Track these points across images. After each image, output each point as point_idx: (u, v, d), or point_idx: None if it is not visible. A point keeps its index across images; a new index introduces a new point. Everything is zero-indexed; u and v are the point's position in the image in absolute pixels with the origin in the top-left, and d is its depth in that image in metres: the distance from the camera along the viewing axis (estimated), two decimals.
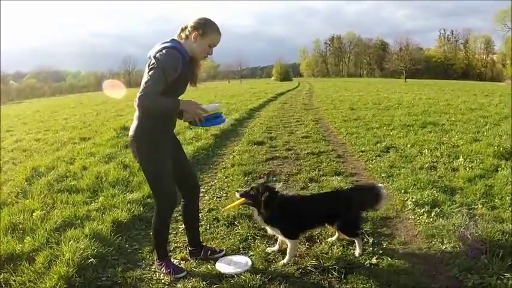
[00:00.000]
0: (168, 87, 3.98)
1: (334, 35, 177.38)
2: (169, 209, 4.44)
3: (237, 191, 4.88)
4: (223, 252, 4.96)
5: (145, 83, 3.87)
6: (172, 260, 4.75)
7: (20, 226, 5.58)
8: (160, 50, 3.99)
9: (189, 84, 4.41)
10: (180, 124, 4.55)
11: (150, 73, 3.89)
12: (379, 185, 5.29)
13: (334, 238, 5.15)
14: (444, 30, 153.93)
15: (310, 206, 4.87)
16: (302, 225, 4.79)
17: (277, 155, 10.23)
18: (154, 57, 3.95)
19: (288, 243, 4.70)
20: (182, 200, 4.77)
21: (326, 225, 5.01)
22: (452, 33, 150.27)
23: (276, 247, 4.98)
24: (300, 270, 4.48)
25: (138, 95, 3.87)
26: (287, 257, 4.69)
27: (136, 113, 4.20)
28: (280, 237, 4.82)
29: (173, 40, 4.19)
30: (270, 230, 4.81)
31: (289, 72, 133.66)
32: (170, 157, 4.35)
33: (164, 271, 4.49)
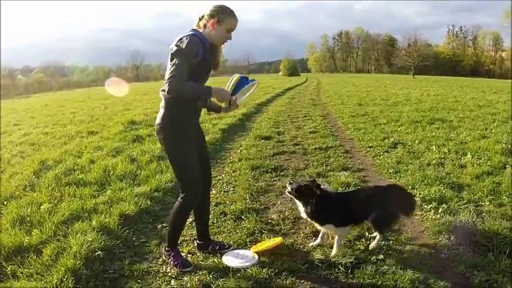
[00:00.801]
0: (191, 73, 4.07)
1: (342, 31, 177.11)
2: (194, 199, 4.47)
3: (290, 183, 4.99)
4: (232, 247, 4.98)
5: (171, 70, 3.95)
6: (185, 258, 4.77)
7: (28, 219, 5.61)
8: (181, 39, 4.09)
9: (212, 70, 4.51)
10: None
11: (172, 61, 3.99)
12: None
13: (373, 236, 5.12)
14: (453, 26, 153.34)
15: (356, 201, 4.95)
16: (351, 219, 4.89)
17: (285, 149, 10.24)
18: (175, 45, 4.05)
19: (338, 232, 4.78)
20: None
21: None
22: (461, 30, 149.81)
23: (318, 240, 5.03)
24: (307, 265, 4.49)
25: (165, 81, 3.97)
26: (335, 247, 4.75)
27: (162, 102, 4.30)
28: (330, 231, 4.92)
29: (193, 29, 4.29)
30: (318, 226, 4.90)
31: (297, 68, 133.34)
32: (196, 144, 4.45)
33: (172, 262, 4.51)
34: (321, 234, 5.03)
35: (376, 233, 4.98)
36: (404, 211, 5.00)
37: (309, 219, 4.88)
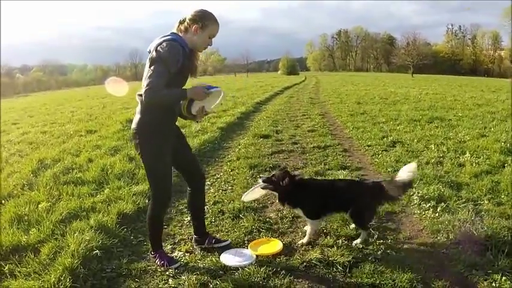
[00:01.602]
0: (170, 80, 4.01)
1: (341, 29, 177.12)
2: (163, 203, 4.51)
3: (260, 177, 5.18)
4: (228, 241, 5.02)
5: (149, 77, 3.90)
6: (177, 252, 4.81)
7: (26, 218, 5.60)
8: (160, 43, 4.02)
9: (189, 75, 4.44)
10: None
11: (152, 67, 3.94)
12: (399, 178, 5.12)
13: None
14: (452, 25, 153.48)
15: (328, 190, 5.12)
16: (322, 207, 4.98)
17: (283, 148, 10.24)
18: (156, 50, 3.99)
19: (309, 224, 4.97)
20: (188, 189, 4.84)
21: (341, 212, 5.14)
22: (460, 29, 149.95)
23: (306, 239, 5.04)
24: (305, 264, 4.48)
25: (143, 90, 3.91)
26: (306, 237, 4.95)
27: (139, 107, 4.25)
28: (302, 216, 5.11)
29: (172, 33, 4.22)
30: (295, 211, 5.14)
31: (296, 66, 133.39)
32: (172, 150, 4.40)
33: (158, 263, 4.53)
34: (308, 232, 5.07)
35: (353, 225, 5.17)
36: (385, 199, 5.06)
37: (283, 205, 5.09)
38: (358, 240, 4.91)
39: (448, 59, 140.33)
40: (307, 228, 5.04)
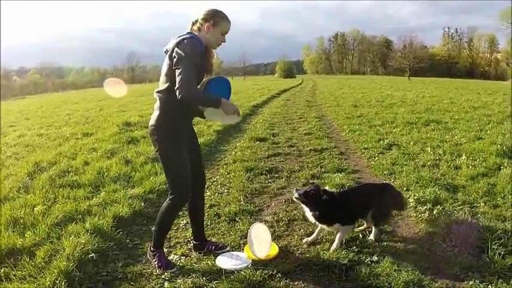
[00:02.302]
0: None
1: (338, 32, 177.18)
2: (183, 200, 4.54)
3: (296, 189, 5.12)
4: (227, 248, 5.00)
5: (180, 74, 3.98)
6: (172, 255, 4.80)
7: (21, 221, 5.58)
8: (180, 42, 4.12)
9: (205, 72, 4.53)
10: None
11: (180, 66, 4.02)
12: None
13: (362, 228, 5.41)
14: (448, 28, 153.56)
15: (356, 198, 5.21)
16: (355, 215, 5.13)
17: (280, 151, 10.23)
18: (178, 49, 4.08)
19: (342, 229, 4.95)
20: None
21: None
22: (457, 32, 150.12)
23: (313, 236, 5.16)
24: (301, 267, 4.48)
25: (177, 86, 3.98)
26: (336, 241, 4.91)
27: (157, 104, 4.34)
28: (336, 228, 5.01)
29: (189, 32, 4.34)
30: (325, 227, 5.06)
31: (292, 69, 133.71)
32: (188, 147, 4.48)
33: (156, 263, 4.54)
34: (317, 231, 5.15)
35: (372, 228, 5.18)
36: (396, 208, 5.42)
37: (317, 222, 5.01)
38: (372, 236, 5.10)
39: (444, 61, 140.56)
40: (338, 235, 4.98)
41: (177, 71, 4.01)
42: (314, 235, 5.16)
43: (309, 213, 5.01)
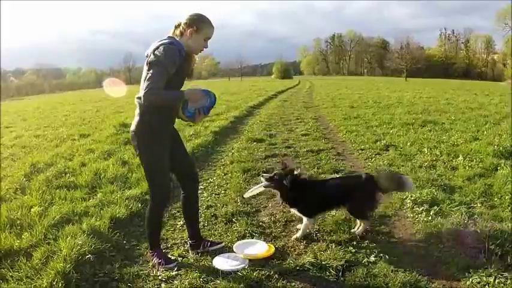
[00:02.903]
0: (167, 83, 4.10)
1: (335, 33, 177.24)
2: (162, 203, 4.60)
3: (262, 175, 5.31)
4: (223, 244, 5.04)
5: (148, 79, 3.99)
6: (169, 256, 4.77)
7: (18, 222, 5.56)
8: (158, 47, 4.12)
9: (186, 78, 4.55)
10: (179, 121, 4.64)
11: (151, 70, 4.03)
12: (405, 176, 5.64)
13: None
14: (445, 29, 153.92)
15: (327, 188, 5.33)
16: (320, 206, 5.22)
17: (277, 152, 10.24)
18: (154, 54, 4.08)
19: (304, 220, 5.11)
20: (182, 192, 4.88)
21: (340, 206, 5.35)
22: (453, 33, 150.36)
23: (299, 233, 5.22)
24: (297, 268, 4.48)
25: (142, 92, 4.01)
26: (300, 232, 5.11)
27: (137, 110, 4.35)
28: (298, 215, 5.25)
29: (169, 37, 4.32)
30: (292, 210, 5.28)
31: (289, 70, 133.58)
32: (169, 151, 4.47)
33: (156, 261, 4.57)
34: (302, 227, 5.24)
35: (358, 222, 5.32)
36: (390, 189, 5.32)
37: (282, 201, 5.30)
38: (358, 230, 5.19)
39: (441, 62, 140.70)
40: (302, 225, 5.16)
41: (147, 76, 4.03)
42: (300, 232, 5.24)
43: (277, 195, 5.27)
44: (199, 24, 4.32)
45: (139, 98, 4.25)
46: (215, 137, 12.18)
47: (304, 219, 5.11)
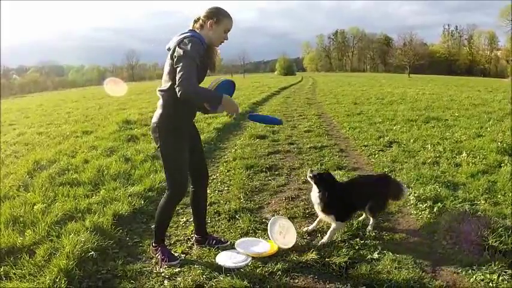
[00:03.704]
0: None
1: (338, 30, 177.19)
2: (178, 196, 4.59)
3: (311, 170, 5.22)
4: (228, 243, 5.03)
5: (180, 71, 3.99)
6: (173, 253, 4.76)
7: (21, 219, 5.57)
8: (182, 41, 4.13)
9: (208, 70, 4.58)
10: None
11: (181, 63, 4.02)
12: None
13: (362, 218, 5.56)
14: (448, 25, 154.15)
15: (357, 190, 5.31)
16: (351, 208, 5.26)
17: (280, 149, 10.23)
18: (179, 47, 4.09)
19: (333, 225, 5.02)
20: (191, 187, 4.89)
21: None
22: (457, 29, 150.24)
23: (314, 225, 5.35)
24: (301, 264, 4.47)
25: (177, 84, 3.99)
26: (327, 236, 5.01)
27: (160, 101, 4.38)
28: (329, 220, 5.11)
29: (190, 30, 4.35)
30: (320, 214, 5.16)
31: (292, 67, 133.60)
32: (189, 144, 4.51)
33: (159, 257, 4.58)
34: (316, 221, 5.33)
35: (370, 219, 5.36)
36: (393, 197, 5.52)
37: (318, 206, 5.10)
38: (369, 227, 5.27)
39: (444, 59, 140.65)
40: (331, 229, 5.07)
41: (177, 69, 4.02)
42: (314, 224, 5.34)
43: (315, 194, 5.08)
44: (219, 16, 4.35)
45: (161, 90, 4.30)
46: (218, 134, 12.19)
47: (334, 224, 5.01)
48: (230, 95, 4.50)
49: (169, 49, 4.23)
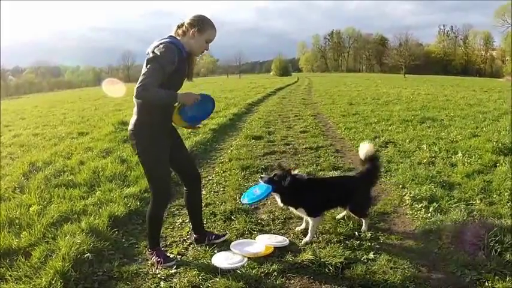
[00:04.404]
0: (165, 81, 4.11)
1: (333, 30, 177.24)
2: (163, 202, 4.62)
3: (261, 177, 5.20)
4: (228, 235, 5.14)
5: (143, 75, 3.98)
6: (168, 254, 4.77)
7: (17, 221, 5.56)
8: (158, 46, 4.13)
9: (185, 79, 4.55)
10: None
11: (147, 67, 4.03)
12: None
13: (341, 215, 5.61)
14: (444, 26, 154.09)
15: (329, 185, 5.42)
16: (323, 204, 5.21)
17: (275, 149, 10.23)
18: (152, 52, 4.09)
19: (310, 221, 5.06)
20: (185, 189, 4.93)
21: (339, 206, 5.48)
22: (452, 29, 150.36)
23: (303, 225, 5.36)
24: (296, 265, 4.48)
25: (136, 86, 3.97)
26: (309, 235, 5.05)
27: (136, 108, 4.35)
28: (305, 217, 5.20)
29: (170, 36, 4.34)
30: (294, 211, 5.24)
31: (288, 67, 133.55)
32: (168, 150, 4.48)
33: (155, 260, 4.58)
34: (304, 220, 5.35)
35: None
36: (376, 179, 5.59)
37: (282, 204, 5.17)
38: (364, 227, 5.25)
39: (440, 59, 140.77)
40: (310, 226, 5.09)
41: (143, 71, 4.04)
42: (303, 224, 5.38)
43: (278, 198, 5.13)
44: (202, 25, 4.34)
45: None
46: (214, 135, 12.18)
47: (310, 219, 5.07)
48: (210, 110, 4.63)
49: (147, 54, 4.22)
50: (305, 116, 16.80)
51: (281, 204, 5.16)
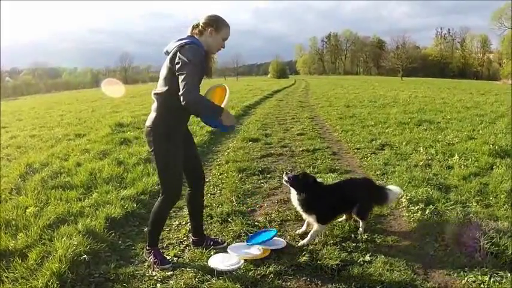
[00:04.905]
0: None
1: (331, 33, 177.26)
2: (173, 200, 4.63)
3: (286, 173, 5.24)
4: (225, 244, 5.07)
5: (184, 79, 4.02)
6: (165, 256, 4.76)
7: (13, 222, 5.54)
8: (183, 46, 4.19)
9: (205, 75, 4.59)
10: None
11: (184, 71, 4.05)
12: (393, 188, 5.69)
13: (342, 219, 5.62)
14: (441, 28, 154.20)
15: (340, 193, 5.34)
16: (334, 213, 5.30)
17: (272, 152, 10.23)
18: (181, 54, 4.13)
19: (315, 227, 5.05)
20: (188, 189, 4.94)
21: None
22: (449, 32, 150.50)
23: (304, 228, 5.38)
24: (293, 267, 4.48)
25: (180, 93, 4.01)
26: (308, 237, 5.04)
27: (154, 105, 4.41)
28: (311, 221, 5.16)
29: (189, 36, 4.41)
30: (303, 215, 5.22)
31: (285, 70, 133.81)
32: (183, 148, 4.54)
33: (152, 260, 4.58)
34: (305, 223, 5.36)
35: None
36: (377, 202, 5.56)
37: (298, 206, 5.16)
38: (361, 230, 5.26)
39: (437, 62, 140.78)
40: (312, 231, 5.09)
41: (181, 77, 4.04)
42: (304, 227, 5.39)
43: (294, 196, 5.16)
44: (218, 24, 4.42)
45: (156, 94, 4.35)
46: (211, 137, 12.17)
47: (316, 225, 5.05)
48: (226, 130, 4.70)
49: (167, 52, 4.28)
50: (302, 118, 16.82)
51: (295, 204, 5.20)
